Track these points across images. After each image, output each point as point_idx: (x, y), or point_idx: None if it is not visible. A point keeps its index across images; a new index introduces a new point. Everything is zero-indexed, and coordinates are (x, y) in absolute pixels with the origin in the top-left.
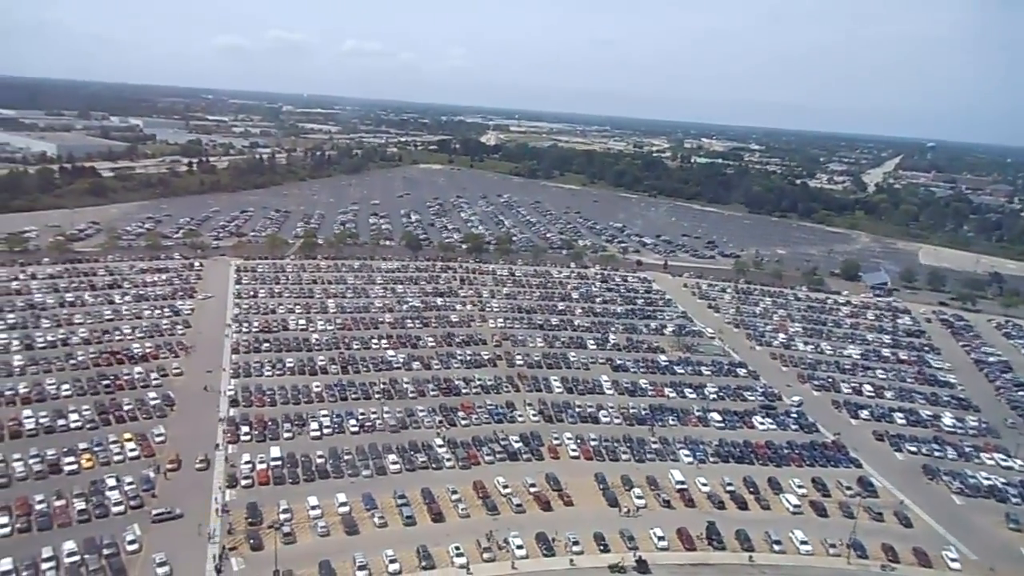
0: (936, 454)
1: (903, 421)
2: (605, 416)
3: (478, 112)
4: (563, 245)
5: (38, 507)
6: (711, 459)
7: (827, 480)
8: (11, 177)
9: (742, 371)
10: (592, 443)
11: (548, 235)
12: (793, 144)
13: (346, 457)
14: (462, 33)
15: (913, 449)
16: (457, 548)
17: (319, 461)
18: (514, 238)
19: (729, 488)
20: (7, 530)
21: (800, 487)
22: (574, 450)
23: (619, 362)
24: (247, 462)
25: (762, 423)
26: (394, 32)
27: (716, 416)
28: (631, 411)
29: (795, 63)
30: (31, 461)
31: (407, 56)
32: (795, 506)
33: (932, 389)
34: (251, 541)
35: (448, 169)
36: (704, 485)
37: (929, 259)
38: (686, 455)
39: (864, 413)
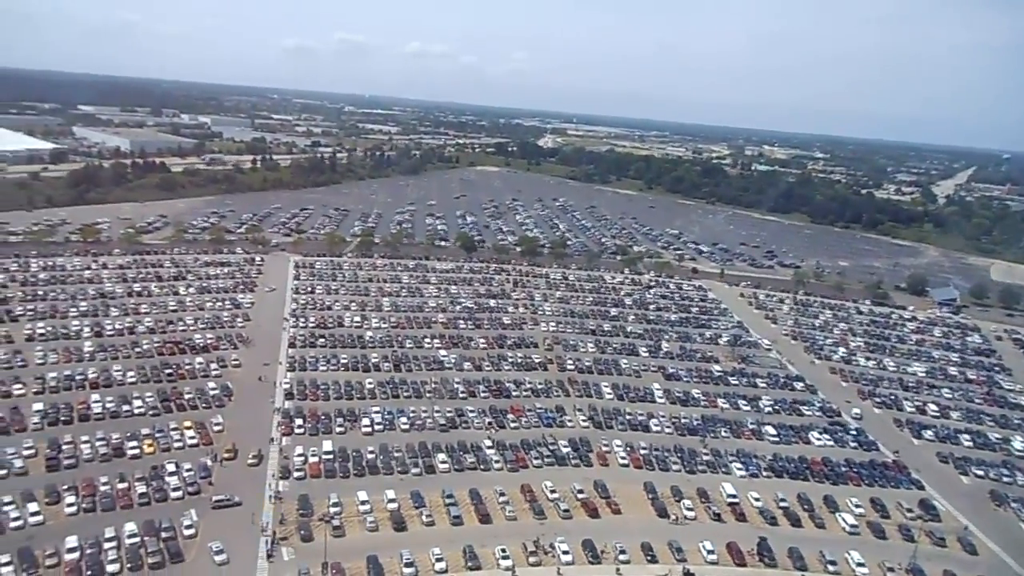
0: (1005, 479)
1: (970, 443)
2: (656, 425)
3: (536, 115)
4: (617, 250)
5: (102, 488)
6: (764, 473)
7: (887, 501)
8: (87, 171)
9: (799, 385)
10: (642, 451)
11: (603, 240)
12: (859, 153)
13: (396, 454)
14: (524, 36)
15: (980, 473)
16: (503, 550)
17: (370, 457)
18: (568, 242)
19: (782, 504)
20: (73, 509)
21: (858, 507)
22: (623, 458)
23: (671, 370)
24: (300, 454)
25: (819, 439)
26: (458, 35)
27: (771, 430)
28: (683, 421)
29: (862, 70)
30: (97, 444)
31: (468, 59)
32: (852, 526)
33: (1002, 411)
34: (301, 532)
35: (504, 172)
36: (756, 500)
37: (1002, 275)
38: (738, 468)
39: (928, 433)
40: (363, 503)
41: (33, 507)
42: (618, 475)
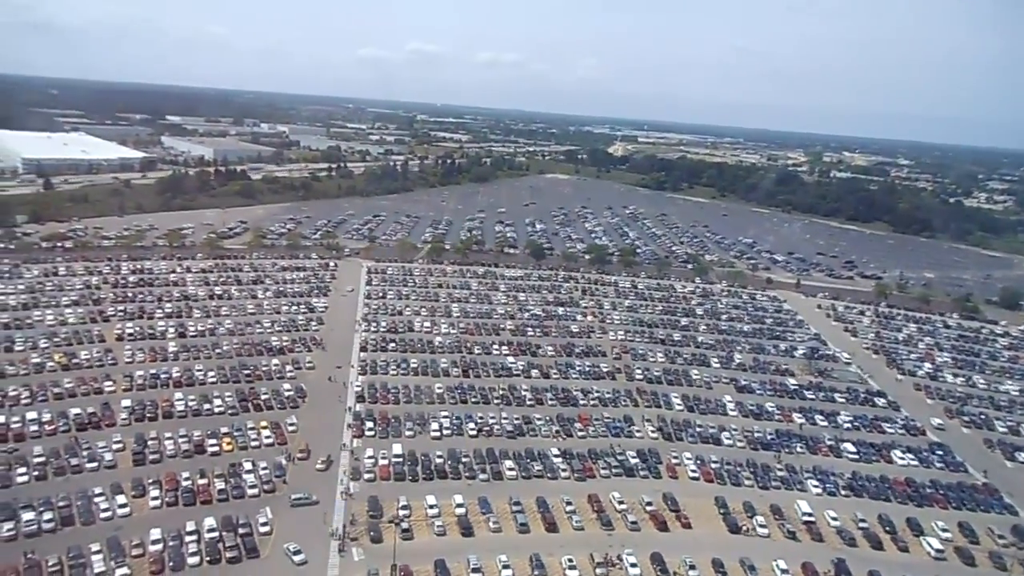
0: None
1: None
2: (728, 438)
3: (606, 123)
4: (688, 259)
5: (184, 483)
6: (842, 492)
7: (976, 526)
8: (173, 178)
9: (881, 401)
10: (713, 465)
11: (673, 248)
12: (947, 159)
13: (464, 459)
14: (594, 43)
15: None
16: (570, 560)
17: (438, 461)
18: (638, 250)
19: (862, 525)
20: (157, 502)
21: (944, 531)
22: (694, 471)
23: (744, 383)
24: (370, 457)
25: (902, 458)
26: (528, 44)
27: (850, 447)
28: (756, 435)
29: (948, 72)
30: (180, 440)
31: (538, 67)
32: (937, 551)
33: None
34: (371, 533)
35: (574, 179)
36: (834, 519)
37: None
38: (815, 486)
39: (1022, 456)
40: (431, 507)
41: (121, 499)
42: (688, 488)
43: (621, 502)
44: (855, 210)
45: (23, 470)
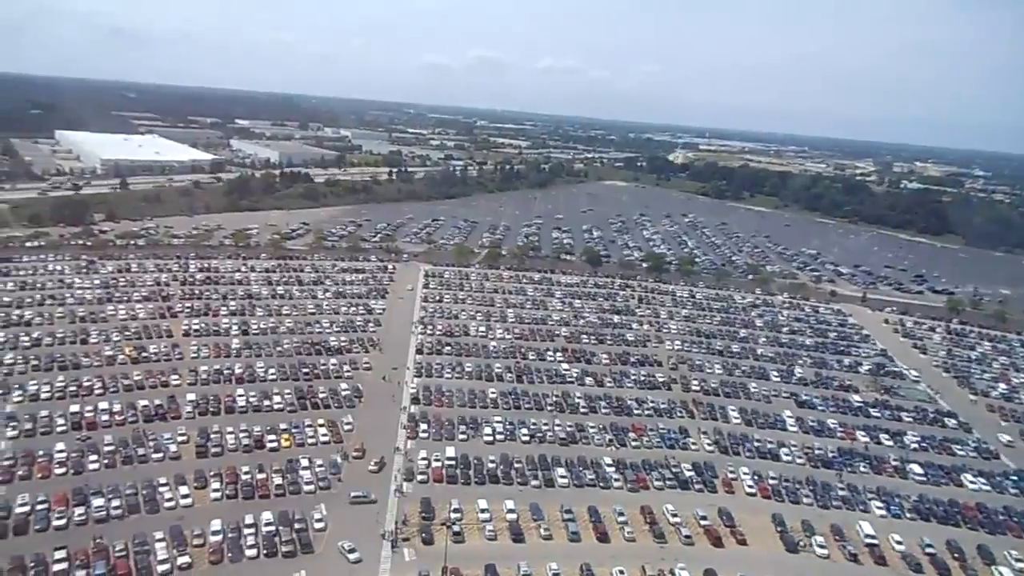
0: None
1: None
2: (787, 454)
3: (667, 130)
4: (749, 270)
5: (243, 477)
6: (908, 515)
7: None
8: (241, 180)
9: (951, 422)
10: (771, 481)
11: (733, 258)
12: None
13: (516, 465)
14: (656, 50)
15: None
16: (621, 572)
17: (490, 466)
18: (697, 259)
19: (929, 550)
20: (218, 495)
21: (1019, 560)
22: (751, 486)
23: (805, 398)
24: (423, 458)
25: (973, 482)
26: (589, 50)
27: (917, 468)
28: (816, 452)
29: None
30: (241, 435)
31: (599, 73)
32: None
33: None
34: (423, 535)
35: (633, 187)
36: (899, 543)
37: None
38: (878, 507)
39: None
40: (483, 511)
41: (184, 490)
42: (744, 504)
43: (675, 515)
44: (926, 222)
45: (94, 457)
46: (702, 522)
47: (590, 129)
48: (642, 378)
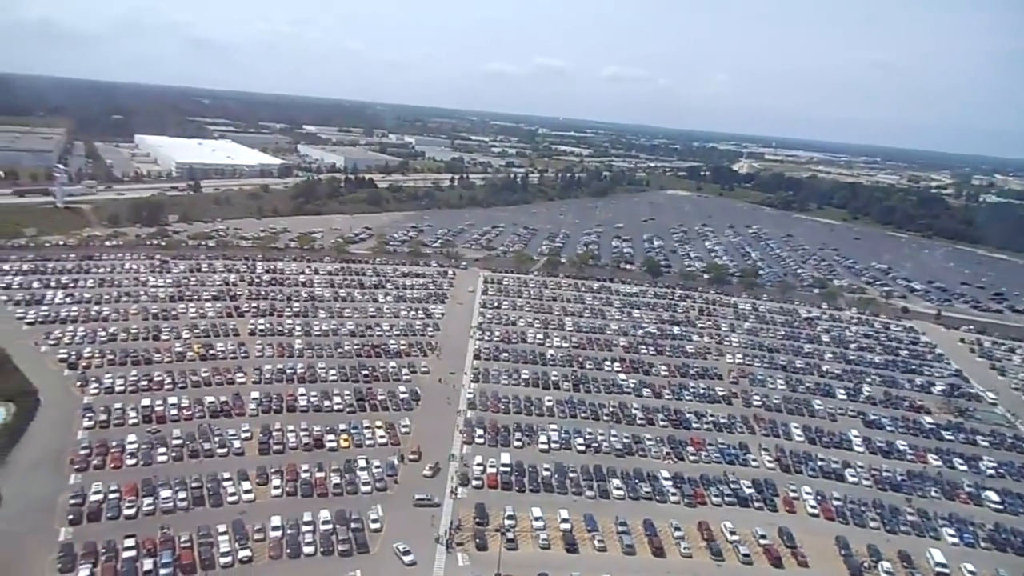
0: None
1: None
2: (852, 475)
3: (732, 139)
4: (815, 283)
5: (303, 475)
6: (983, 544)
7: None
8: (307, 185)
9: None
10: (835, 502)
11: (799, 271)
12: None
13: (571, 474)
14: (724, 58)
15: None
16: None
17: (545, 474)
18: (760, 271)
19: None
20: (279, 491)
21: None
22: (813, 506)
23: (873, 417)
24: (479, 464)
25: None
26: (655, 58)
27: (993, 495)
28: (884, 474)
29: None
30: (301, 434)
31: (664, 81)
32: None
33: None
34: (477, 540)
35: (696, 196)
36: (972, 573)
37: None
38: (951, 535)
39: None
40: (537, 519)
41: (246, 485)
42: (806, 524)
43: (733, 532)
44: (1007, 238)
45: (163, 450)
46: (761, 541)
47: (653, 138)
48: (701, 391)
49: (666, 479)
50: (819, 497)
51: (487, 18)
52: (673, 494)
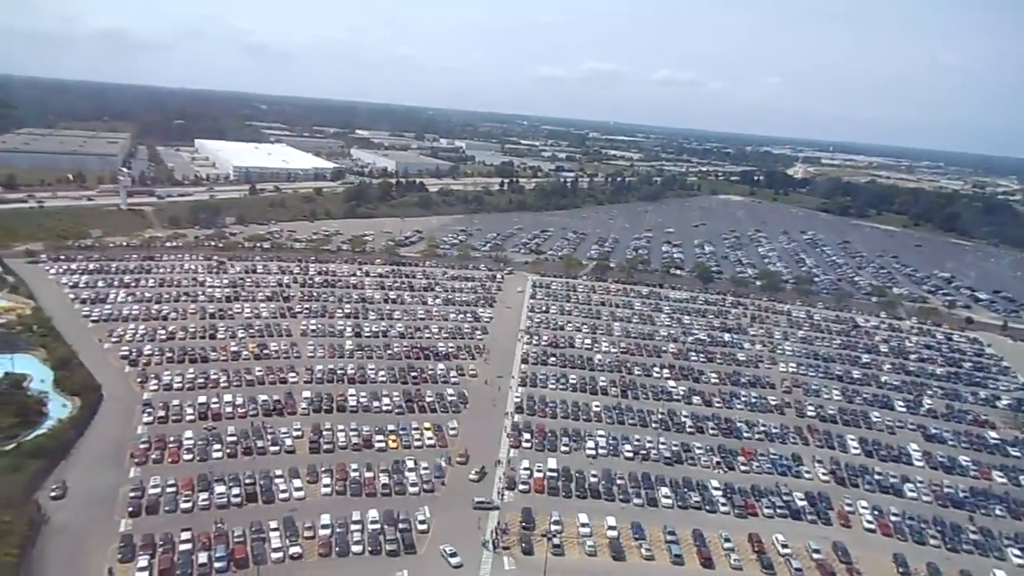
0: None
1: None
2: (911, 490)
3: (787, 143)
4: (873, 292)
5: (352, 475)
6: None
7: None
8: (359, 188)
9: None
10: (893, 518)
11: (856, 279)
12: None
13: (619, 481)
14: (779, 61)
15: None
16: None
17: (592, 480)
18: (815, 278)
19: None
20: (328, 490)
21: None
22: (870, 521)
23: (934, 431)
24: (525, 468)
25: None
26: (707, 62)
27: None
28: (945, 490)
29: None
30: (351, 434)
31: (717, 85)
32: None
33: None
34: (523, 545)
35: (748, 201)
36: None
37: None
38: (1016, 555)
39: None
40: (583, 525)
41: (297, 483)
42: (862, 540)
43: (785, 545)
44: None
45: (218, 447)
46: (815, 555)
47: (705, 142)
48: (753, 400)
49: (716, 489)
50: (876, 512)
51: (539, 23)
52: (723, 504)
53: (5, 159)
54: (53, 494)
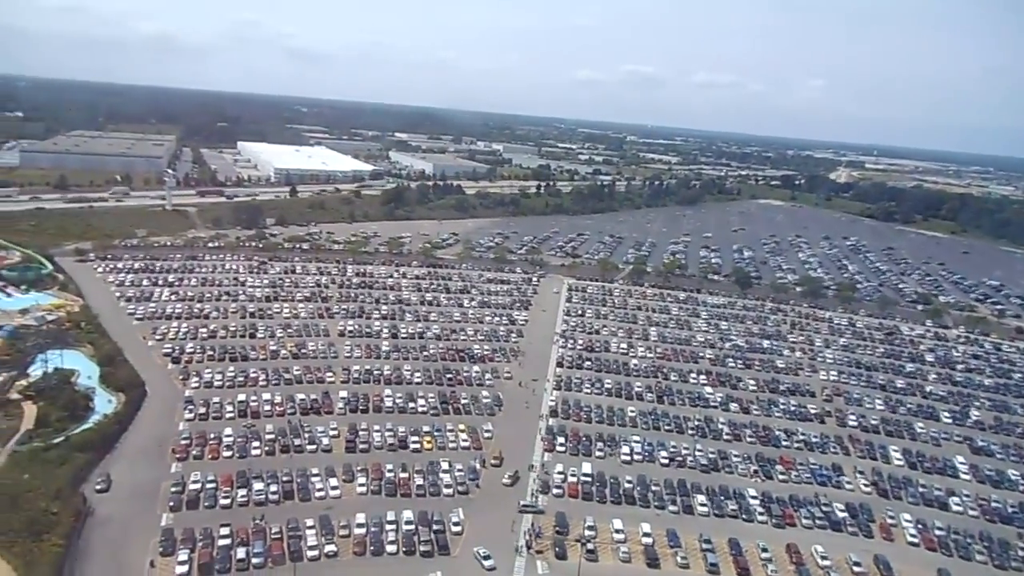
0: None
1: None
2: (957, 504)
3: (830, 147)
4: (919, 299)
5: (387, 475)
6: None
7: None
8: (397, 190)
9: None
10: (938, 532)
11: (900, 286)
12: None
13: (654, 487)
14: (821, 64)
15: None
16: None
17: (627, 486)
18: (858, 285)
19: None
20: (364, 489)
21: None
22: (913, 535)
23: (981, 443)
24: (559, 472)
25: None
26: (748, 64)
27: None
28: (993, 504)
29: None
30: (387, 434)
31: (757, 87)
32: None
33: None
34: (556, 549)
35: (789, 206)
36: None
37: None
38: None
39: None
40: (617, 531)
41: (333, 482)
42: (905, 553)
43: (824, 557)
44: None
45: (256, 444)
46: (855, 568)
47: (745, 145)
48: (792, 408)
49: (753, 498)
50: (920, 525)
51: (576, 26)
52: (761, 514)
53: (58, 160)
54: (98, 487)
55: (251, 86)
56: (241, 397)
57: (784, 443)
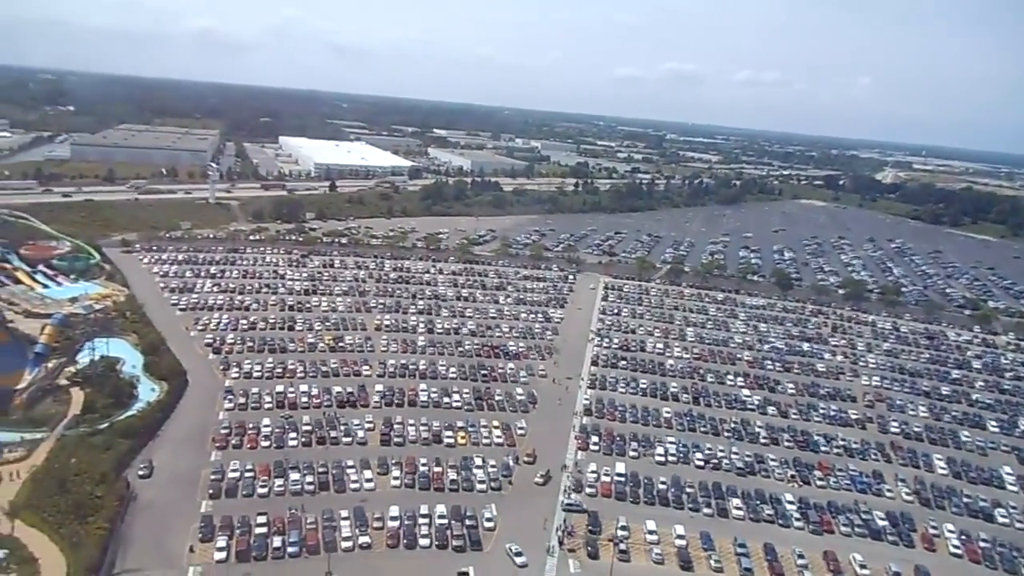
0: None
1: None
2: (1003, 515)
3: (875, 147)
4: (966, 304)
5: (421, 469)
6: None
7: None
8: (435, 186)
9: None
10: (982, 544)
11: (947, 291)
12: None
13: (688, 489)
14: (868, 62)
15: None
16: None
17: (661, 487)
18: (903, 289)
19: None
20: (397, 482)
21: None
22: (956, 546)
23: None
24: (593, 471)
25: None
26: (791, 62)
27: None
28: None
29: None
30: (421, 428)
31: (801, 86)
32: None
33: None
34: (588, 548)
35: (832, 207)
36: None
37: None
38: None
39: None
40: (650, 532)
41: (368, 474)
42: (947, 565)
43: (863, 566)
44: None
45: (293, 435)
46: None
47: (787, 144)
48: (832, 413)
49: (790, 503)
50: (964, 536)
51: (617, 22)
52: (797, 519)
53: (106, 154)
54: (141, 473)
55: (293, 81)
56: (279, 388)
57: (823, 448)
